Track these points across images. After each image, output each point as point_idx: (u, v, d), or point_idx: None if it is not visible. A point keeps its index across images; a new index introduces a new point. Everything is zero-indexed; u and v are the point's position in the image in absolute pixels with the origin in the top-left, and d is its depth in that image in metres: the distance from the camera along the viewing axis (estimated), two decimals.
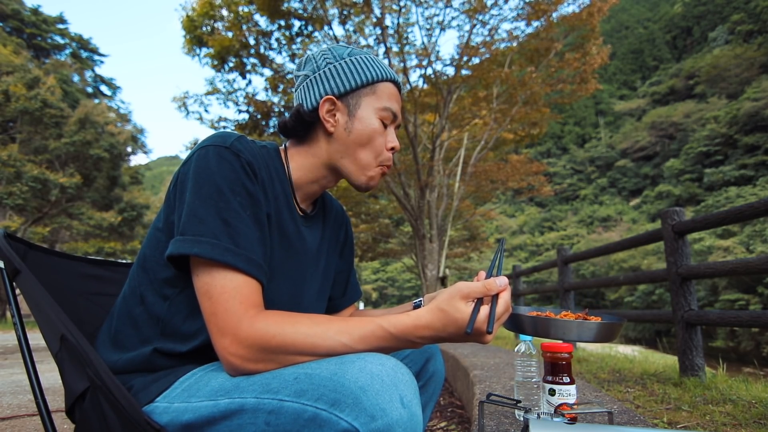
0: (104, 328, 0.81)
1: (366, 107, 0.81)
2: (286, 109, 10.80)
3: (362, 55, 0.84)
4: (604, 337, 0.72)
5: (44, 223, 16.67)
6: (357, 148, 0.81)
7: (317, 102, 0.81)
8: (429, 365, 0.94)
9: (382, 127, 0.83)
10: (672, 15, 66.71)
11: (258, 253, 0.67)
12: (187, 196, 0.67)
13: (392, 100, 0.83)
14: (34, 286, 0.74)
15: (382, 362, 0.59)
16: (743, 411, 1.66)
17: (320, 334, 0.62)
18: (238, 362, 0.61)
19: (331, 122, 0.81)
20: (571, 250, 5.04)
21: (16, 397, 2.67)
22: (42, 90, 15.99)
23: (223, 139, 0.71)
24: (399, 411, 0.54)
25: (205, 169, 0.68)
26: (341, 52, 0.83)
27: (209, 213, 0.65)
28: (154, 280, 0.73)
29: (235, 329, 0.61)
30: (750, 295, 21.44)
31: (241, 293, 0.63)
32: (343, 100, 0.81)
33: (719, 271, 2.29)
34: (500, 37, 9.91)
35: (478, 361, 2.73)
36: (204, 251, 0.62)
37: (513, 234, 52.56)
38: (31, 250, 0.88)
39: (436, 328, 0.63)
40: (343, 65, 0.82)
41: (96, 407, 0.65)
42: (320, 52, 0.84)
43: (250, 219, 0.68)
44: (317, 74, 0.82)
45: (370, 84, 0.82)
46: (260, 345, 0.61)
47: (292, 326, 0.62)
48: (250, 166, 0.71)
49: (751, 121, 38.48)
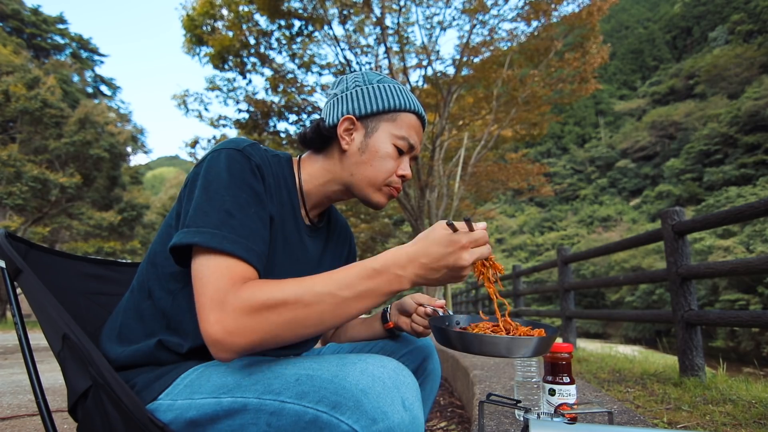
0: (110, 321, 0.81)
1: (383, 132, 0.83)
2: (286, 108, 10.80)
3: (391, 83, 0.87)
4: (536, 352, 0.69)
5: (44, 223, 16.65)
6: (367, 168, 0.83)
7: (338, 119, 0.83)
8: (426, 364, 0.96)
9: (396, 153, 0.85)
10: (672, 15, 66.68)
11: (258, 245, 0.67)
12: (196, 192, 0.69)
13: (411, 131, 0.85)
14: (36, 286, 0.74)
15: (384, 364, 0.59)
16: (743, 411, 1.66)
17: (306, 288, 0.61)
18: (223, 335, 0.57)
19: (346, 140, 0.83)
20: (571, 250, 5.04)
21: (16, 397, 2.67)
22: (42, 90, 15.98)
23: (237, 144, 0.74)
24: (400, 414, 0.54)
25: (215, 169, 0.70)
26: (372, 78, 0.87)
27: (214, 207, 0.66)
28: (162, 275, 0.74)
29: (221, 302, 0.59)
30: (750, 295, 21.43)
31: (233, 272, 0.62)
32: (362, 121, 0.84)
33: (719, 271, 2.29)
34: (500, 37, 9.92)
35: (478, 361, 2.73)
36: (204, 240, 0.63)
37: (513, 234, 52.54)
38: (32, 249, 0.88)
39: (418, 251, 0.64)
40: (370, 89, 0.85)
41: (98, 406, 0.65)
42: (353, 75, 0.88)
43: (254, 215, 0.69)
44: (345, 94, 0.86)
45: (392, 111, 0.84)
46: (245, 311, 0.58)
47: (277, 286, 0.61)
48: (259, 169, 0.73)
49: (751, 121, 38.46)
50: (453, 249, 0.64)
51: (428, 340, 1.01)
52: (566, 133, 64.75)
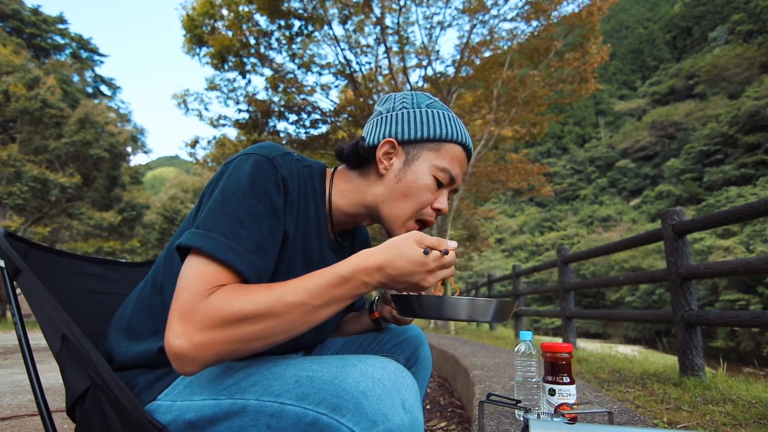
0: (121, 310, 0.81)
1: (424, 161, 0.79)
2: (286, 108, 10.80)
3: (441, 109, 0.82)
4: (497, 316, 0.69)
5: (44, 223, 16.66)
6: (400, 198, 0.79)
7: (378, 141, 0.80)
8: (418, 352, 0.99)
9: (435, 185, 0.80)
10: (672, 15, 66.69)
11: (261, 261, 0.66)
12: (215, 193, 0.68)
13: (455, 163, 0.81)
14: (35, 286, 0.74)
15: (384, 365, 0.58)
16: (743, 411, 1.66)
17: (272, 296, 0.59)
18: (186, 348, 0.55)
19: (384, 164, 0.79)
20: (571, 250, 5.04)
21: (16, 397, 2.67)
22: (42, 90, 15.99)
23: (268, 151, 0.72)
24: (401, 416, 0.54)
25: (239, 173, 0.68)
26: (421, 101, 0.83)
27: (227, 212, 0.65)
28: (176, 272, 0.73)
29: (190, 312, 0.56)
30: (750, 295, 21.44)
31: (214, 279, 0.60)
32: (404, 147, 0.80)
33: (719, 271, 2.29)
34: (500, 37, 9.92)
35: (478, 361, 2.73)
36: (208, 245, 0.61)
37: (513, 234, 52.56)
38: (31, 249, 0.88)
39: (386, 262, 0.63)
40: (416, 114, 0.81)
41: (97, 406, 0.65)
42: (401, 95, 0.84)
43: (266, 229, 0.67)
44: (390, 114, 0.82)
45: (437, 141, 0.80)
46: (213, 322, 0.56)
47: (249, 296, 0.58)
48: (284, 182, 0.71)
49: (751, 121, 38.48)
50: (420, 270, 0.64)
51: (419, 330, 1.03)
52: (566, 133, 64.76)
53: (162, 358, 0.71)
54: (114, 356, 0.74)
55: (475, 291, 12.17)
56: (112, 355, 0.74)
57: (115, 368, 0.73)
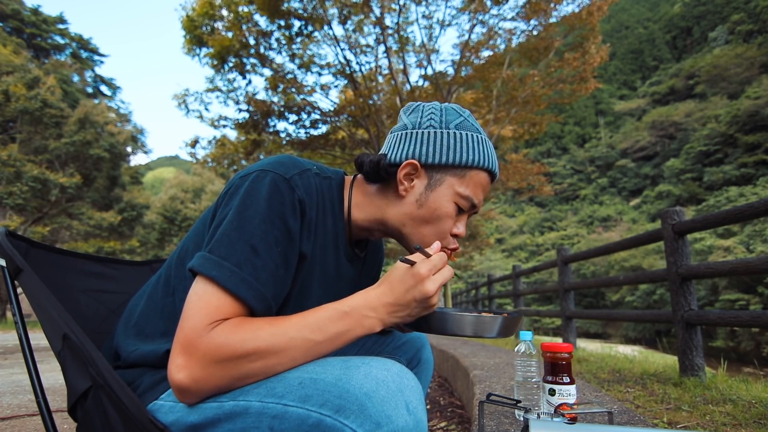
0: (130, 308, 0.80)
1: (447, 188, 0.77)
2: (286, 108, 10.80)
3: (470, 132, 0.78)
4: (502, 332, 0.69)
5: (44, 222, 16.67)
6: (422, 225, 0.77)
7: (401, 160, 0.76)
8: (420, 353, 1.00)
9: (456, 212, 0.78)
10: (672, 15, 66.70)
11: (272, 290, 0.66)
12: (230, 211, 0.67)
13: (478, 189, 0.79)
14: (37, 285, 0.74)
15: (388, 367, 0.58)
16: (743, 411, 1.66)
17: (275, 333, 0.59)
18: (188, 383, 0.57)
19: (405, 185, 0.77)
20: (571, 250, 5.04)
21: (16, 397, 2.67)
22: (42, 90, 15.99)
23: (287, 169, 0.70)
24: (405, 418, 0.54)
25: (255, 192, 0.67)
26: (450, 119, 0.78)
27: (242, 238, 0.64)
28: (189, 276, 0.73)
29: (192, 346, 0.58)
30: (750, 295, 21.43)
31: (219, 312, 0.61)
32: (427, 170, 0.77)
33: (719, 271, 2.29)
34: (499, 36, 9.93)
35: (478, 361, 2.73)
36: (221, 276, 0.61)
37: (513, 234, 52.56)
38: (32, 248, 0.88)
39: (385, 292, 0.64)
40: (444, 135, 0.77)
41: (98, 406, 0.65)
42: (429, 108, 0.80)
43: (279, 255, 0.66)
44: (415, 132, 0.78)
45: (463, 167, 0.77)
46: (214, 359, 0.57)
47: (251, 332, 0.59)
48: (301, 204, 0.70)
49: (751, 120, 38.48)
50: (414, 282, 0.64)
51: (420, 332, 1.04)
52: (566, 133, 64.77)
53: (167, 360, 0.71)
54: (121, 353, 0.73)
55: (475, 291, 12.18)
56: (119, 351, 0.74)
57: (121, 366, 0.73)
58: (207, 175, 29.47)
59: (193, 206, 28.18)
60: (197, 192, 30.20)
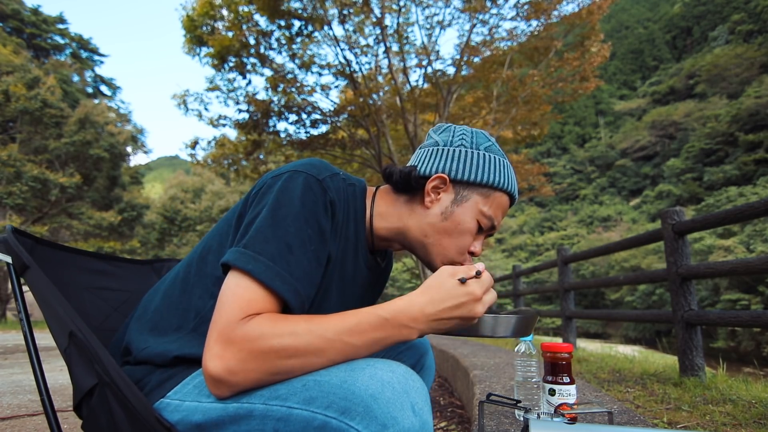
0: (144, 304, 0.80)
1: (473, 205, 0.79)
2: (286, 108, 10.79)
3: (498, 155, 0.82)
4: (519, 331, 0.71)
5: (44, 222, 16.67)
6: (444, 237, 0.80)
7: (431, 173, 0.79)
8: (424, 359, 1.02)
9: (477, 229, 0.81)
10: (672, 15, 66.68)
11: (305, 287, 0.66)
12: (263, 209, 0.67)
13: (499, 211, 0.82)
14: (43, 282, 0.74)
15: (393, 369, 0.58)
16: (743, 411, 1.66)
17: (313, 332, 0.59)
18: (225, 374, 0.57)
19: (432, 197, 0.79)
20: (571, 250, 5.04)
21: (16, 397, 2.67)
22: (42, 90, 15.99)
23: (319, 171, 0.72)
24: (410, 419, 0.54)
25: (289, 191, 0.68)
26: (480, 142, 0.82)
27: (276, 235, 0.65)
28: (209, 274, 0.73)
29: (228, 337, 0.58)
30: (751, 295, 21.42)
31: (252, 306, 0.61)
32: (455, 186, 0.80)
33: (719, 271, 2.29)
34: (500, 36, 9.93)
35: (478, 361, 2.73)
36: (256, 270, 0.62)
37: (513, 234, 52.54)
38: (38, 245, 0.88)
39: (430, 303, 0.63)
40: (474, 155, 0.80)
41: (104, 404, 0.65)
42: (461, 130, 0.84)
43: (312, 254, 0.67)
44: (447, 148, 0.81)
45: (488, 187, 0.80)
46: (251, 352, 0.57)
47: (288, 327, 0.59)
48: (332, 205, 0.71)
49: (751, 120, 38.47)
50: (467, 300, 0.63)
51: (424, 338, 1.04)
52: (566, 133, 64.75)
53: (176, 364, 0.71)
54: (132, 350, 0.73)
55: None
56: (130, 347, 0.74)
57: (130, 362, 0.73)
58: (207, 175, 29.47)
59: (193, 206, 28.18)
60: (197, 192, 30.20)
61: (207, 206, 28.34)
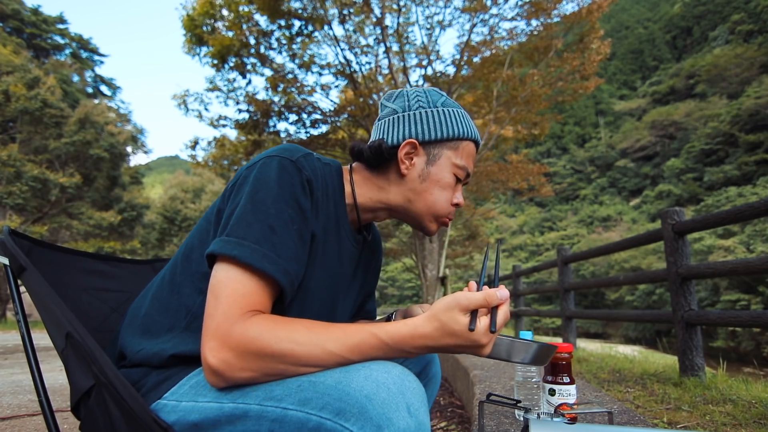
0: (136, 304, 0.81)
1: (445, 160, 0.82)
2: (286, 108, 10.79)
3: (454, 108, 0.85)
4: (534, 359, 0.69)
5: (44, 222, 16.66)
6: (426, 197, 0.82)
7: (399, 141, 0.81)
8: (428, 368, 0.98)
9: (455, 182, 0.84)
10: (672, 15, 66.68)
11: (294, 267, 0.66)
12: (241, 198, 0.68)
13: (470, 159, 0.85)
14: (40, 283, 0.74)
15: (388, 370, 0.58)
16: (743, 411, 1.66)
17: (314, 342, 0.59)
18: (222, 367, 0.58)
19: (406, 164, 0.81)
20: (571, 250, 5.04)
21: (16, 397, 2.67)
22: (42, 90, 15.98)
23: (291, 153, 0.73)
24: (406, 420, 0.53)
25: (265, 177, 0.69)
26: (435, 99, 0.84)
27: (257, 218, 0.65)
28: (195, 271, 0.73)
29: (226, 333, 0.58)
30: (751, 295, 21.43)
31: (249, 300, 0.61)
32: (425, 147, 0.82)
33: (719, 271, 2.29)
34: (500, 36, 9.92)
35: (478, 361, 2.73)
36: (243, 254, 0.62)
37: (513, 234, 52.54)
38: (35, 246, 0.88)
39: (433, 338, 0.61)
40: (434, 113, 0.83)
41: (101, 405, 0.65)
42: (414, 92, 0.86)
43: (296, 233, 0.68)
44: (407, 114, 0.83)
45: (455, 140, 0.83)
46: (249, 350, 0.58)
47: (286, 332, 0.59)
48: (309, 183, 0.72)
49: (752, 120, 38.48)
50: (471, 345, 0.62)
51: None
52: (566, 133, 64.76)
53: (172, 364, 0.71)
54: (126, 354, 0.74)
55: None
56: (124, 352, 0.74)
57: (126, 365, 0.73)
58: (207, 175, 29.45)
59: (193, 206, 28.17)
60: (197, 192, 30.19)
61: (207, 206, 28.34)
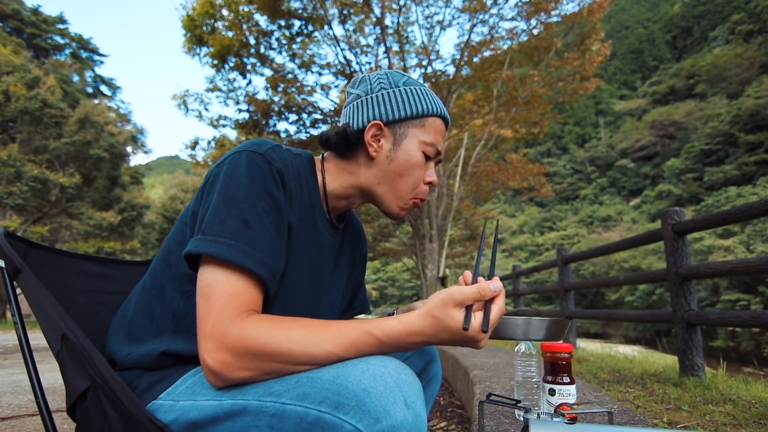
0: (120, 313, 0.80)
1: (412, 139, 0.81)
2: (286, 108, 10.80)
3: (417, 86, 0.84)
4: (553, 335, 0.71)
5: (44, 222, 16.66)
6: (396, 178, 0.82)
7: (364, 124, 0.81)
8: (429, 368, 0.97)
9: (424, 160, 0.83)
10: (672, 15, 66.71)
11: (272, 259, 0.66)
12: (213, 196, 0.68)
13: (438, 135, 0.84)
14: (35, 285, 0.74)
15: (385, 364, 0.59)
16: (743, 411, 1.66)
17: (311, 341, 0.60)
18: (220, 368, 0.59)
19: (374, 147, 0.81)
20: (571, 250, 5.04)
21: (16, 397, 2.67)
22: (42, 90, 15.97)
23: (259, 146, 0.72)
24: (403, 412, 0.54)
25: (235, 172, 0.68)
26: (397, 79, 0.84)
27: (231, 214, 0.65)
28: (175, 274, 0.73)
29: (222, 334, 0.59)
30: (751, 295, 21.44)
31: (239, 300, 0.62)
32: (390, 127, 0.81)
33: (719, 271, 2.29)
34: (500, 36, 9.92)
35: (478, 361, 2.73)
36: (219, 251, 0.62)
37: (513, 234, 52.56)
38: (31, 248, 0.88)
39: (428, 335, 0.62)
40: (396, 93, 0.82)
41: (97, 406, 0.65)
42: (376, 75, 0.85)
43: (271, 225, 0.68)
44: (370, 97, 0.83)
45: (421, 117, 0.82)
46: (246, 350, 0.59)
47: (283, 332, 0.60)
48: (280, 174, 0.71)
49: (751, 120, 38.49)
50: (465, 340, 0.63)
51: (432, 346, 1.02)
52: (566, 133, 64.77)
53: (164, 361, 0.71)
54: (116, 359, 0.73)
55: None
56: (113, 358, 0.74)
57: (117, 369, 0.73)
58: None
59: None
60: None
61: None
